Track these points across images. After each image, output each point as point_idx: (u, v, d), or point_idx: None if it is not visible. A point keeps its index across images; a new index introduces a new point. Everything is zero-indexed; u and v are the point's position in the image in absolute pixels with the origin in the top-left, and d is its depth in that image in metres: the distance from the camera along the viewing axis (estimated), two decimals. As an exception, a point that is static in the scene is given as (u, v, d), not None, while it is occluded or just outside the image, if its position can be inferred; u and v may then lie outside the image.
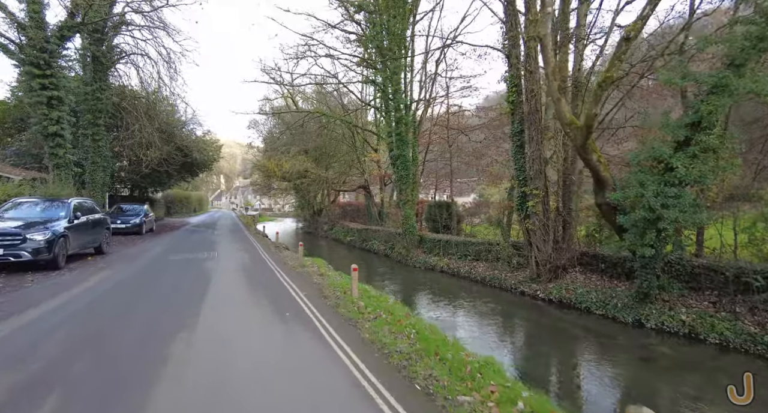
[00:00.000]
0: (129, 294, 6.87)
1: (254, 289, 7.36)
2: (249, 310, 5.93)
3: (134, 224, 18.01)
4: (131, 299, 6.49)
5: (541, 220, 11.61)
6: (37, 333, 4.68)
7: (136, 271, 9.07)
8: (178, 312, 5.78)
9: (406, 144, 17.11)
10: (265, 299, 6.59)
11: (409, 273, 16.19)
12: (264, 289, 7.45)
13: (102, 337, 4.64)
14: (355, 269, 6.30)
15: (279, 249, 14.95)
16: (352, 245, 25.23)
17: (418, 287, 13.56)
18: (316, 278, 8.43)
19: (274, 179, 36.26)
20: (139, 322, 5.25)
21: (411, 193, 17.45)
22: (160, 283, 7.89)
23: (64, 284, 7.37)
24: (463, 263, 15.23)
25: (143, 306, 6.09)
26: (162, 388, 3.34)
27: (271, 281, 8.28)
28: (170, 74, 19.85)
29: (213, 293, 6.90)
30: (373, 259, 20.07)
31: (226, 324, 5.21)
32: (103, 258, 10.64)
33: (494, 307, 11.07)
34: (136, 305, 6.18)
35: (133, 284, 7.68)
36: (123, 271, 8.96)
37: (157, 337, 4.63)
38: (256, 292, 7.13)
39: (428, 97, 17.67)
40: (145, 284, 7.80)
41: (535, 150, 11.32)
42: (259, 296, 6.88)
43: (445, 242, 16.55)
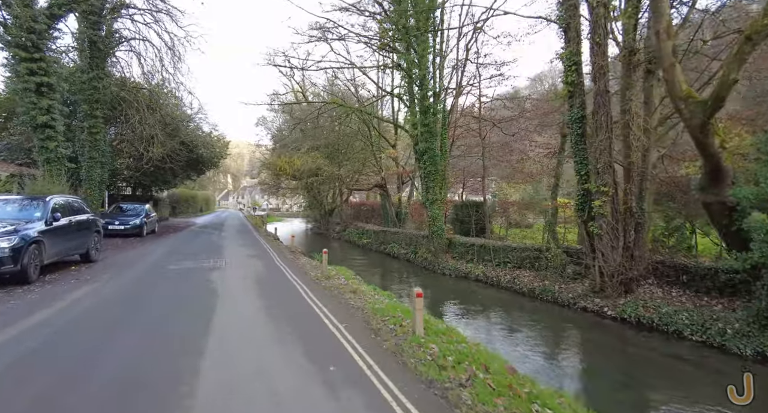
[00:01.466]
0: (108, 322, 5.13)
1: (275, 315, 5.57)
2: (272, 354, 4.13)
3: (134, 225, 16.38)
4: (108, 332, 4.75)
5: (609, 222, 9.70)
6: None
7: (126, 286, 7.33)
8: (170, 353, 4.04)
9: (434, 136, 15.27)
10: (291, 334, 4.79)
11: (438, 282, 14.35)
12: (287, 315, 5.66)
13: (47, 402, 2.91)
14: (419, 294, 4.43)
15: (295, 255, 13.18)
16: (368, 247, 23.42)
17: (455, 300, 11.70)
18: (351, 298, 6.62)
19: (283, 178, 34.61)
20: (111, 372, 3.51)
21: (439, 191, 15.60)
22: (152, 304, 6.15)
23: (25, 307, 5.64)
24: (503, 272, 13.36)
25: (124, 342, 4.36)
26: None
27: (294, 301, 6.49)
28: (173, 62, 18.22)
29: (220, 324, 5.12)
30: (394, 264, 18.25)
31: (242, 381, 3.44)
32: (90, 268, 8.94)
33: (557, 328, 9.19)
34: (113, 340, 4.44)
35: (117, 307, 5.94)
36: (109, 286, 7.23)
37: (133, 401, 2.90)
38: (278, 321, 5.34)
39: (459, 83, 15.80)
40: (133, 305, 6.07)
41: (604, 139, 9.41)
42: (282, 327, 5.08)
43: (480, 247, 14.68)
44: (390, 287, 13.24)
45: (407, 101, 16.98)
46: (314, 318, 5.46)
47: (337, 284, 7.93)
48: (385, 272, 16.50)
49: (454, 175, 25.60)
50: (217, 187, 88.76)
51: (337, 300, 6.50)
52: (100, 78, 16.69)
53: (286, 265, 10.14)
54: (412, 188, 24.76)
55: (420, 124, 15.31)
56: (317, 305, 6.11)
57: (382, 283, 14.09)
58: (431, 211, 15.80)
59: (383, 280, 14.90)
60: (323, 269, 8.87)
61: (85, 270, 8.56)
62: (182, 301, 6.34)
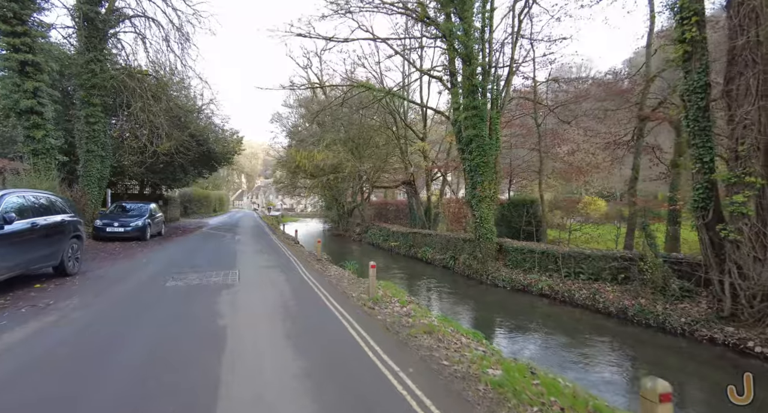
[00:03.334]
0: (46, 401, 2.89)
1: (328, 396, 3.21)
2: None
3: (135, 227, 14.34)
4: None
5: (755, 225, 7.12)
6: None
7: (91, 324, 4.99)
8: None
9: (483, 121, 12.81)
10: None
11: (491, 295, 11.90)
12: (347, 394, 3.28)
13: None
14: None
15: (322, 263, 10.87)
16: (396, 251, 21.03)
17: (525, 325, 9.22)
18: (432, 346, 4.21)
19: (300, 176, 32.58)
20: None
21: (489, 187, 13.13)
22: (130, 355, 3.90)
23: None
24: (575, 285, 10.84)
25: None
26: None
27: (349, 357, 3.94)
28: (181, 43, 16.17)
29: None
30: (428, 271, 15.82)
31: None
32: (60, 286, 6.78)
33: (697, 373, 6.63)
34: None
35: (73, 362, 3.70)
36: (67, 322, 4.90)
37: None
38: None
39: (512, 58, 13.27)
40: (100, 357, 3.82)
41: (752, 111, 6.83)
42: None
43: (542, 254, 12.16)
44: (442, 306, 10.84)
45: (447, 82, 14.55)
46: (396, 401, 3.08)
47: (395, 314, 5.57)
48: (423, 283, 14.10)
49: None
50: (231, 187, 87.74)
51: (414, 353, 4.10)
52: (98, 60, 14.71)
53: (315, 280, 7.82)
54: (445, 185, 22.30)
55: (466, 106, 12.87)
56: (388, 366, 3.69)
57: (427, 297, 11.70)
58: (478, 210, 13.35)
59: (425, 293, 12.51)
60: (370, 290, 6.49)
61: (51, 291, 6.40)
62: (175, 351, 4.06)
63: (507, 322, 9.38)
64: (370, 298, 6.23)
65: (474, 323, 9.31)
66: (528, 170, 17.39)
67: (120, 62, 16.79)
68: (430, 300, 11.44)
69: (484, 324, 9.16)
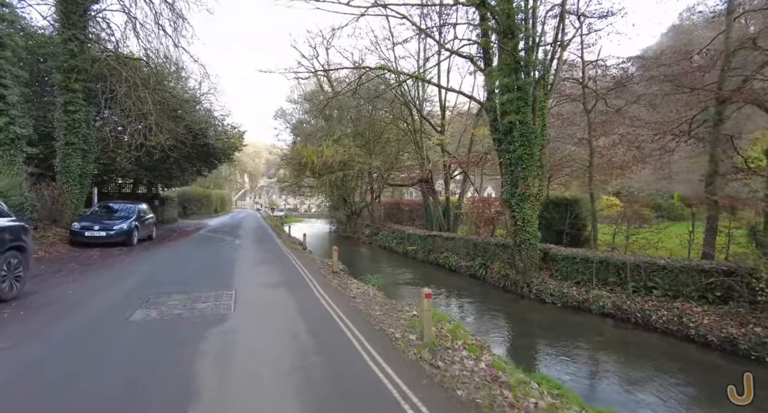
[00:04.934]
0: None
1: None
2: None
3: (120, 230, 12.41)
4: None
5: None
6: None
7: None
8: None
9: (528, 105, 10.78)
10: None
11: (539, 314, 9.90)
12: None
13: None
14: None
15: (340, 278, 8.84)
16: (413, 256, 19.01)
17: (602, 357, 7.17)
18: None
19: (305, 174, 30.69)
20: None
21: (533, 183, 11.10)
22: None
23: None
24: (648, 303, 8.81)
25: None
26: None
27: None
28: (173, 21, 14.21)
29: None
30: (455, 282, 13.80)
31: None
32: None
33: None
34: None
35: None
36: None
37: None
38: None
39: (562, 30, 11.15)
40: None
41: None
42: None
43: (599, 263, 10.11)
44: (482, 326, 8.81)
45: (478, 62, 12.53)
46: None
47: (474, 378, 3.57)
48: (451, 296, 12.10)
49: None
50: (233, 187, 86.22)
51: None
52: (77, 39, 12.78)
53: (338, 307, 5.78)
54: (466, 183, 20.25)
55: (506, 87, 10.84)
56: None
57: (461, 315, 9.64)
58: (520, 211, 11.31)
59: (457, 310, 10.50)
60: (425, 331, 4.39)
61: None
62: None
63: (577, 351, 7.35)
64: (425, 343, 4.22)
65: (534, 353, 7.29)
66: (564, 165, 15.31)
67: (110, 48, 14.86)
68: (464, 319, 9.42)
69: (548, 355, 7.13)
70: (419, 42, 20.42)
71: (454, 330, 4.89)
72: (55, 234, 12.16)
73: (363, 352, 4.02)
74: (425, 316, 4.26)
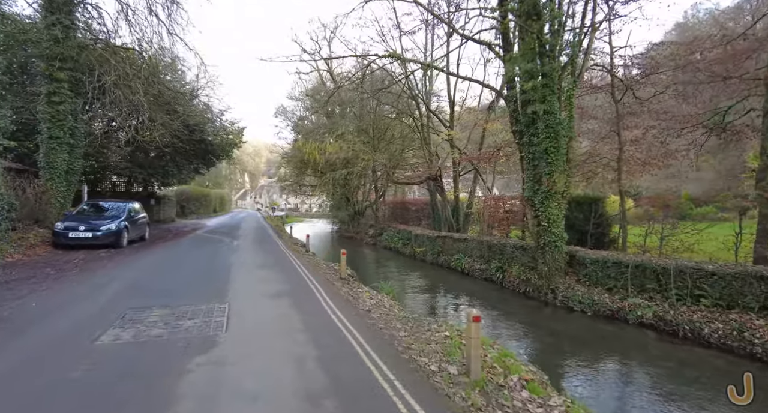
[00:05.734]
0: None
1: None
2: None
3: (107, 231, 11.44)
4: None
5: None
6: None
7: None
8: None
9: (555, 93, 9.79)
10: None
11: (568, 323, 8.93)
12: None
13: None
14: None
15: (349, 285, 7.83)
16: (421, 258, 18.02)
17: (661, 382, 6.16)
18: None
19: (307, 172, 29.73)
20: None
21: (559, 179, 10.10)
22: None
23: None
24: (697, 314, 7.81)
25: None
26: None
27: None
28: (167, 6, 13.23)
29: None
30: (468, 286, 12.82)
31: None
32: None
33: None
34: None
35: None
36: None
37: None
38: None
39: (592, 16, 10.12)
40: None
41: None
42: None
43: (635, 268, 9.12)
44: (505, 336, 7.82)
45: (496, 48, 11.53)
46: None
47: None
48: (467, 302, 11.12)
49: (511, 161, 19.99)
50: (234, 186, 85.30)
51: None
52: (61, 24, 11.81)
53: (351, 325, 4.76)
54: (477, 181, 19.25)
55: (529, 74, 9.84)
56: None
57: (483, 326, 8.63)
58: (544, 211, 10.32)
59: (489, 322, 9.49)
60: (472, 367, 3.34)
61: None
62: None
63: (627, 372, 6.34)
64: (472, 381, 3.23)
65: (575, 374, 6.29)
66: (582, 162, 14.24)
67: (101, 38, 13.88)
68: (484, 329, 8.43)
69: (592, 378, 6.13)
70: (427, 33, 19.47)
71: (502, 359, 3.89)
72: (37, 235, 11.20)
73: (394, 395, 3.03)
74: (472, 345, 3.26)
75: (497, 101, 18.49)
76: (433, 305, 10.66)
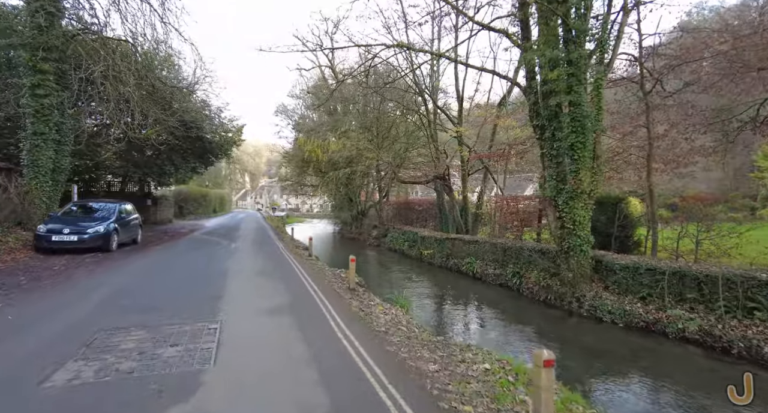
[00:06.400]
0: None
1: None
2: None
3: (95, 234, 10.59)
4: None
5: None
6: None
7: None
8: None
9: (582, 83, 8.93)
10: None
11: (597, 336, 8.11)
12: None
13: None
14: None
15: (359, 297, 6.95)
16: (428, 261, 17.15)
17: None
18: None
19: (308, 172, 28.93)
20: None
21: (586, 177, 9.25)
22: None
23: None
24: (753, 329, 6.93)
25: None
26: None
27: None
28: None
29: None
30: (481, 292, 11.98)
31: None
32: None
33: None
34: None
35: None
36: None
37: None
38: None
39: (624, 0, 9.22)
40: None
41: None
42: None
43: (672, 275, 8.25)
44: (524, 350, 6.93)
45: (518, 37, 10.66)
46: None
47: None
48: (480, 311, 10.28)
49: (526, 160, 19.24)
50: (234, 186, 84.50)
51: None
52: (45, 11, 10.96)
53: (370, 356, 3.82)
54: (486, 180, 18.39)
55: (554, 61, 8.96)
56: None
57: (498, 338, 7.73)
58: (569, 212, 9.46)
59: (493, 330, 8.66)
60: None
61: None
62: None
63: (694, 404, 5.46)
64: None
65: (625, 399, 5.41)
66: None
67: (92, 30, 13.03)
68: (507, 345, 7.57)
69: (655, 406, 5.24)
70: (433, 26, 18.55)
71: (568, 408, 3.01)
72: (19, 239, 10.36)
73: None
74: (543, 400, 2.39)
75: (508, 96, 17.64)
76: (451, 317, 9.75)
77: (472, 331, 8.62)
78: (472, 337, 7.62)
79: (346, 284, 8.01)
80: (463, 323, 9.27)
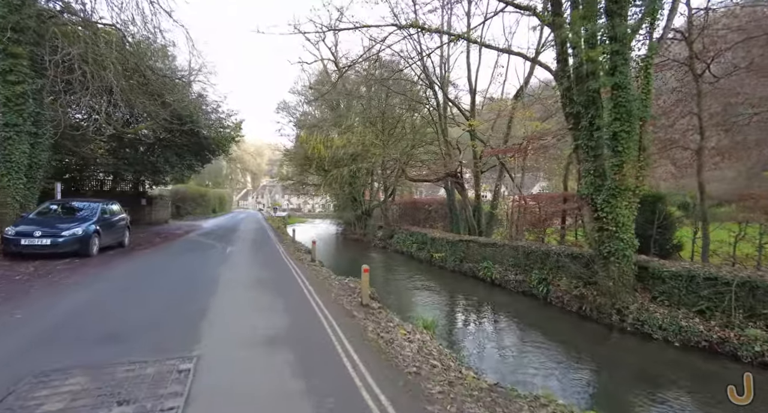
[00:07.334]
0: None
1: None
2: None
3: (71, 237, 9.41)
4: None
5: None
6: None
7: None
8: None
9: (627, 63, 7.69)
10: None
11: (652, 357, 6.87)
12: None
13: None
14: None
15: (375, 315, 5.69)
16: (439, 265, 15.91)
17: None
18: None
19: (310, 170, 27.75)
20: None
21: (631, 172, 8.02)
22: None
23: None
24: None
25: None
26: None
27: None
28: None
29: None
30: (502, 301, 10.75)
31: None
32: None
33: None
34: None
35: None
36: None
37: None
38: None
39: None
40: None
41: None
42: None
43: (740, 286, 7.01)
44: (568, 388, 5.69)
45: (549, 16, 9.42)
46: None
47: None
48: (500, 324, 9.03)
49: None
50: (235, 186, 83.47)
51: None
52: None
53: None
54: (502, 178, 17.14)
55: (596, 39, 7.74)
56: None
57: (530, 367, 6.44)
58: (611, 211, 8.24)
59: (518, 354, 7.39)
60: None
61: None
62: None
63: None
64: None
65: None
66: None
67: (79, 16, 11.89)
68: (527, 372, 6.27)
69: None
70: (443, 14, 17.32)
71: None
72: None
73: None
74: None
75: (526, 87, 16.40)
76: (482, 337, 8.18)
77: (517, 362, 6.88)
78: (525, 371, 6.20)
79: (356, 297, 6.78)
80: (498, 346, 7.67)
